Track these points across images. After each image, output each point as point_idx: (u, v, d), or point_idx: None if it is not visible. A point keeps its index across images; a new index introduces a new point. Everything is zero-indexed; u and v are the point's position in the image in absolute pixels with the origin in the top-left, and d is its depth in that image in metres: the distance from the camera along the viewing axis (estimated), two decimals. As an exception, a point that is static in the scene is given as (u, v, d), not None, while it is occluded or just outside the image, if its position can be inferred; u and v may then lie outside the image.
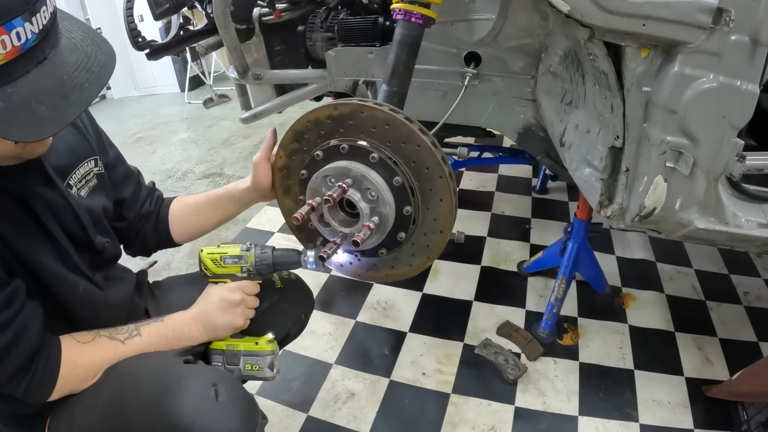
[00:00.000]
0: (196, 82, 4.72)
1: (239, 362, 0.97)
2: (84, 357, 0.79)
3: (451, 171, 0.86)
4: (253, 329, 0.99)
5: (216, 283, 0.97)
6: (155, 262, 1.42)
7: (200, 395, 0.73)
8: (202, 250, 0.97)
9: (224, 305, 0.93)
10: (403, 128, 0.83)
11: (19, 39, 0.57)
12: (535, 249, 2.03)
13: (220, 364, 0.97)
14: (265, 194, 1.06)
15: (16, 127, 0.60)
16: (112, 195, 0.97)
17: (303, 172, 0.93)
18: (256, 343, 0.97)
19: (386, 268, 0.99)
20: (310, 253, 0.94)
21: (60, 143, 0.84)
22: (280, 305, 1.11)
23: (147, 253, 1.11)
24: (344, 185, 0.84)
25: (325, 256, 0.87)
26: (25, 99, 0.60)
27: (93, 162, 0.92)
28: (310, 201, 0.88)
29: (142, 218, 1.05)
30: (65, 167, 0.85)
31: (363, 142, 0.86)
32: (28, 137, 0.62)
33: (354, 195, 0.86)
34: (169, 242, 1.10)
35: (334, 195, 0.83)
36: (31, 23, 0.58)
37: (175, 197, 1.12)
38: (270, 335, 0.99)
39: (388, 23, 1.40)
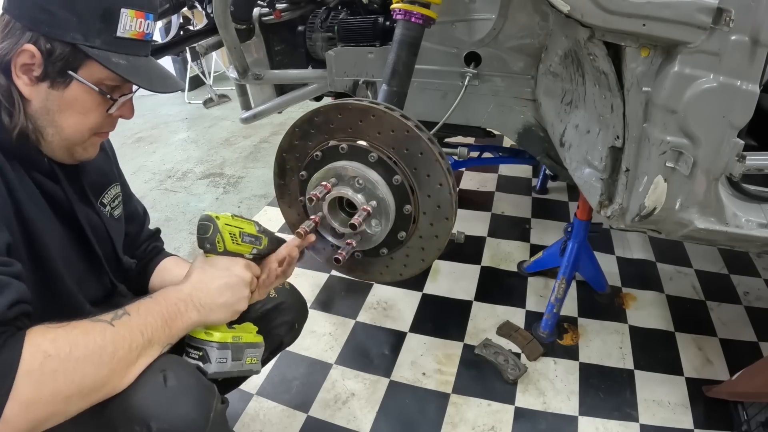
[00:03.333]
0: (196, 82, 4.72)
1: (243, 356, 0.85)
2: (59, 343, 0.58)
3: (451, 170, 0.86)
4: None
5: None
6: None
7: (148, 382, 0.69)
8: (217, 217, 0.81)
9: (235, 283, 0.80)
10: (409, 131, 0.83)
11: (147, 28, 0.77)
12: (535, 249, 2.03)
13: (225, 360, 0.82)
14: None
15: (141, 79, 0.76)
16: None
17: (303, 173, 0.93)
18: (255, 333, 0.88)
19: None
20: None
21: (91, 164, 0.88)
22: (274, 314, 1.10)
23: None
24: (328, 184, 0.85)
25: (340, 258, 0.86)
26: (142, 67, 0.78)
27: (118, 187, 0.97)
28: (313, 217, 0.88)
29: (133, 260, 1.03)
30: (98, 187, 0.92)
31: (362, 142, 0.86)
32: (156, 87, 0.77)
33: (353, 195, 0.86)
34: (143, 293, 1.03)
35: (318, 194, 0.83)
36: (153, 23, 0.79)
37: (170, 256, 1.09)
38: (250, 324, 0.90)
39: (388, 23, 1.40)
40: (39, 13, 0.69)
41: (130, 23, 0.74)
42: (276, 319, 1.11)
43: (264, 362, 1.11)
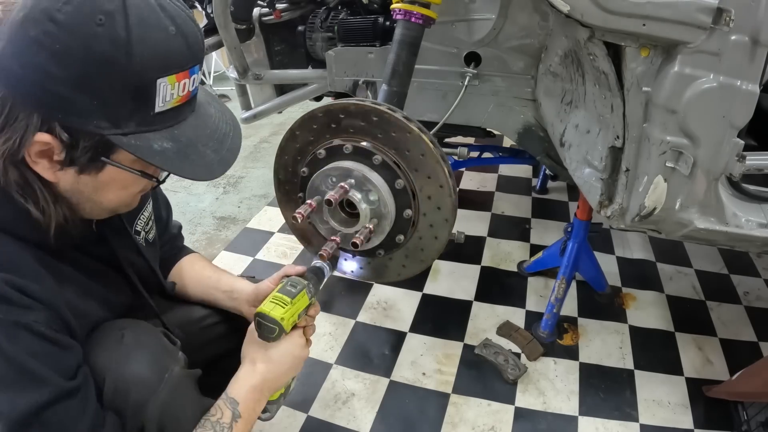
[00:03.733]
0: (196, 82, 4.72)
1: (290, 387, 0.94)
2: None
3: (453, 174, 0.86)
4: None
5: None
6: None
7: (107, 338, 0.74)
8: (282, 318, 0.79)
9: (296, 363, 0.86)
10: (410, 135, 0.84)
11: (192, 84, 0.63)
12: (535, 249, 2.03)
13: (280, 402, 0.92)
14: (249, 311, 1.01)
15: (188, 165, 0.64)
16: None
17: (304, 169, 0.93)
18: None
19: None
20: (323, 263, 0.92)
21: None
22: None
23: None
24: (346, 186, 0.85)
25: (324, 254, 0.87)
26: (191, 141, 0.65)
27: (151, 205, 0.94)
28: (310, 201, 0.88)
29: (173, 283, 1.05)
30: (131, 215, 0.87)
31: (366, 144, 0.86)
32: (201, 176, 0.65)
33: (355, 196, 0.86)
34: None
35: (336, 196, 0.83)
36: (199, 74, 0.65)
37: (193, 253, 1.11)
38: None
39: (388, 23, 1.40)
40: (47, 97, 0.55)
41: (171, 92, 0.60)
42: None
43: None
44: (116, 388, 0.70)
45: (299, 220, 0.85)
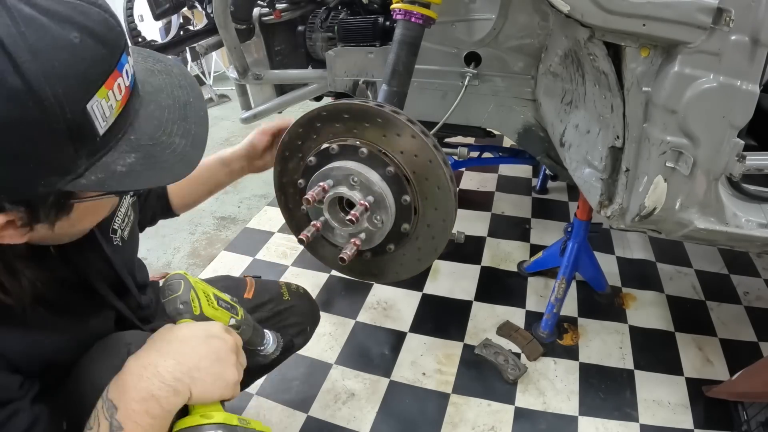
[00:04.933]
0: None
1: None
2: None
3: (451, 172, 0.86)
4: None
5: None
6: (166, 274, 1.41)
7: (111, 354, 0.68)
8: (188, 275, 0.69)
9: (218, 348, 0.64)
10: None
11: (127, 77, 0.52)
12: (535, 249, 2.03)
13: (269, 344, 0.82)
14: (255, 166, 1.05)
15: (161, 170, 0.55)
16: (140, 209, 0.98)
17: (300, 181, 0.93)
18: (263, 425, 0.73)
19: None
20: (271, 342, 0.84)
21: None
22: (286, 316, 1.11)
23: (152, 223, 1.10)
24: (325, 185, 0.85)
25: (345, 258, 0.85)
26: (153, 137, 0.55)
27: (128, 198, 0.88)
28: (315, 222, 0.88)
29: (155, 197, 1.06)
30: (110, 215, 0.80)
31: (352, 140, 0.85)
32: (181, 173, 0.56)
33: (344, 191, 0.85)
34: (170, 212, 1.10)
35: (315, 195, 0.83)
36: (130, 57, 0.52)
37: None
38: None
39: (388, 23, 1.40)
40: None
41: (107, 105, 0.49)
42: (288, 319, 1.12)
43: (274, 364, 1.13)
44: None
45: (306, 243, 0.85)
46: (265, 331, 0.85)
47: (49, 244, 0.64)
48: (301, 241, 0.86)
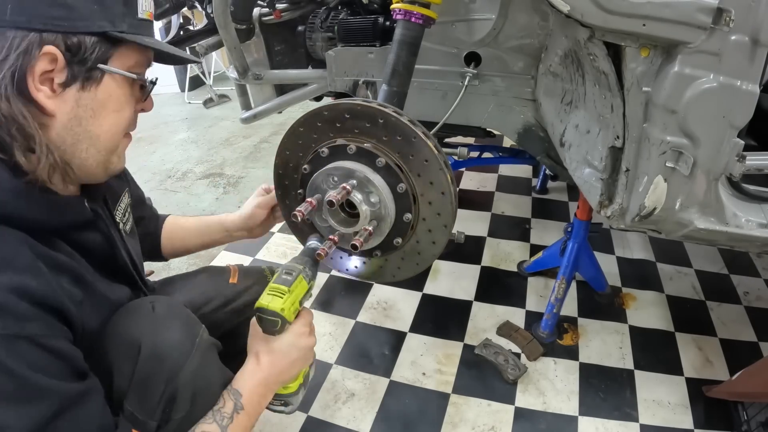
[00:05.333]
0: (196, 82, 4.72)
1: (310, 374, 0.97)
2: None
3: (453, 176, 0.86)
4: None
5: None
6: (152, 272, 1.45)
7: (138, 310, 0.77)
8: (282, 309, 0.79)
9: (303, 353, 0.86)
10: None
11: (152, 8, 0.74)
12: (535, 249, 2.03)
13: (302, 392, 0.95)
14: (253, 233, 1.17)
15: (171, 51, 0.75)
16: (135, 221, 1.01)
17: (306, 167, 0.93)
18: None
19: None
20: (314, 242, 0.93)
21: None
22: None
23: None
24: (348, 187, 0.85)
25: (323, 254, 0.87)
26: (161, 46, 0.74)
27: (128, 194, 0.96)
28: (310, 199, 0.88)
29: (144, 232, 1.08)
30: (112, 200, 0.88)
31: (369, 145, 0.86)
32: (183, 58, 0.78)
33: (356, 197, 0.86)
34: (158, 256, 1.15)
35: (339, 197, 0.83)
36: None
37: (168, 215, 1.18)
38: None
39: (388, 23, 1.40)
40: (53, 10, 0.60)
41: (144, 4, 0.70)
42: None
43: None
44: (152, 354, 0.72)
45: (299, 219, 0.85)
46: (312, 242, 0.93)
47: (74, 166, 0.68)
48: (294, 216, 0.86)
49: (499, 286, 1.88)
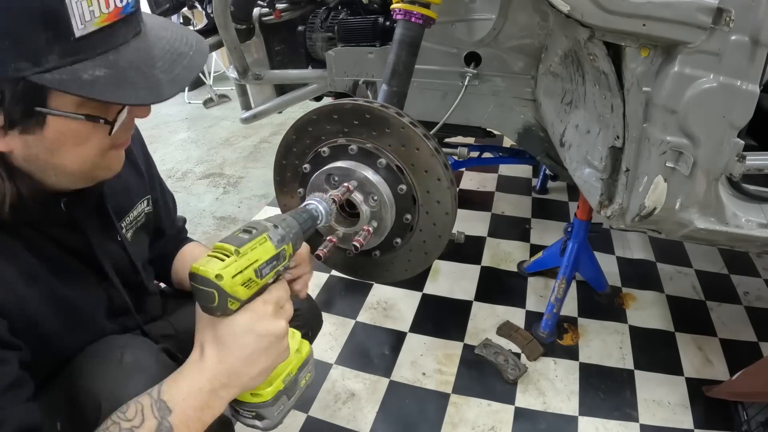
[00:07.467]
0: (196, 82, 4.71)
1: (297, 385, 0.71)
2: None
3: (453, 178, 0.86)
4: None
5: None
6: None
7: (105, 357, 0.70)
8: (218, 276, 0.55)
9: (266, 345, 0.61)
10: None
11: (121, 1, 0.54)
12: (535, 249, 2.03)
13: (282, 405, 0.68)
14: None
15: (128, 89, 0.54)
16: (152, 232, 0.94)
17: (306, 166, 0.93)
18: (300, 341, 0.72)
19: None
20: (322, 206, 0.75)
21: (117, 182, 0.75)
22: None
23: None
24: (350, 186, 0.85)
25: (321, 255, 0.87)
26: (132, 64, 0.55)
27: (146, 201, 0.89)
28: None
29: (160, 252, 1.01)
30: (120, 210, 0.81)
31: (371, 146, 0.86)
32: (144, 99, 0.55)
33: (357, 197, 0.86)
34: (166, 280, 1.06)
35: (340, 195, 0.83)
36: None
37: (191, 242, 1.08)
38: (296, 331, 0.74)
39: (388, 23, 1.40)
40: None
41: (89, 9, 0.50)
42: (290, 323, 1.11)
43: None
44: (112, 409, 0.60)
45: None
46: (311, 205, 0.74)
47: (48, 184, 0.62)
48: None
49: (499, 286, 1.87)
